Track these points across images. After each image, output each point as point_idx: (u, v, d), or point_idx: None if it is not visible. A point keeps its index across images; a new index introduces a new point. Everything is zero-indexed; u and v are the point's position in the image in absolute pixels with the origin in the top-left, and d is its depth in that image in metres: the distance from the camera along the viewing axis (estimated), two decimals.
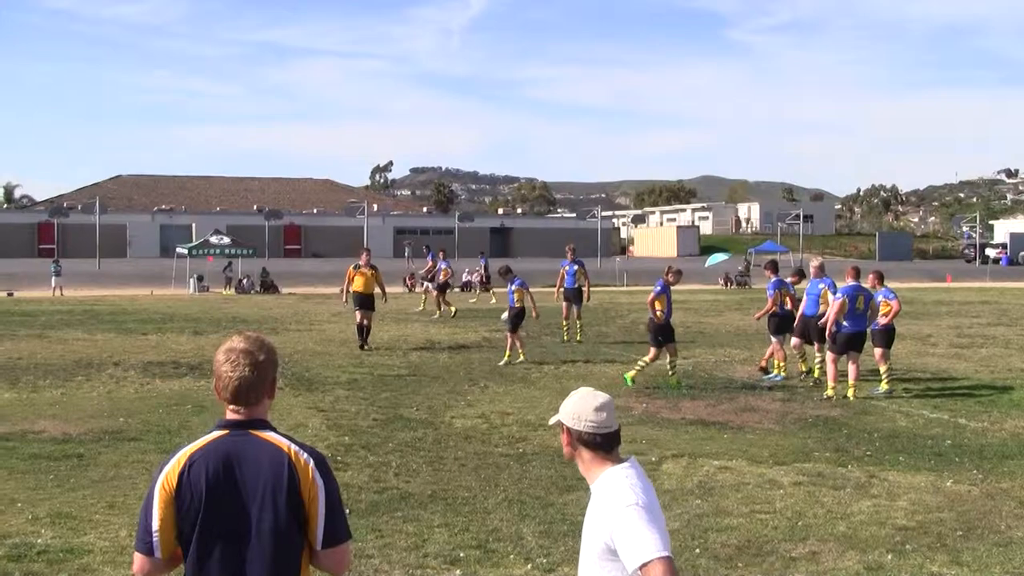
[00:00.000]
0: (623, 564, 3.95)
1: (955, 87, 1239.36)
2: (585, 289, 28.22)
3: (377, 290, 26.03)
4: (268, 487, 3.99)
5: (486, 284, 51.01)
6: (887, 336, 19.08)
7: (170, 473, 4.03)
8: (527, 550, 9.06)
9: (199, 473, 4.00)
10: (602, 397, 4.35)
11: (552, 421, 4.44)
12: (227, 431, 4.14)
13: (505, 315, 23.54)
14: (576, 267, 28.08)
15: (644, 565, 3.84)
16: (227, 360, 4.14)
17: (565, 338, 27.62)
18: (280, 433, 4.17)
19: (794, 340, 20.57)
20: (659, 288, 19.64)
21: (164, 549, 4.00)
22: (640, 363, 19.70)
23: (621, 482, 4.14)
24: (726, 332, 30.05)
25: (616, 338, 28.94)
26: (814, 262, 21.26)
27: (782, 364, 20.68)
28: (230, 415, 4.18)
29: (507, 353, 22.81)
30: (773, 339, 20.84)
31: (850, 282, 18.74)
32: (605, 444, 4.27)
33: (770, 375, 20.63)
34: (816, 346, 20.08)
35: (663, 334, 19.59)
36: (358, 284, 25.91)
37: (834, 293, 19.33)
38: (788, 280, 21.37)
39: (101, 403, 16.97)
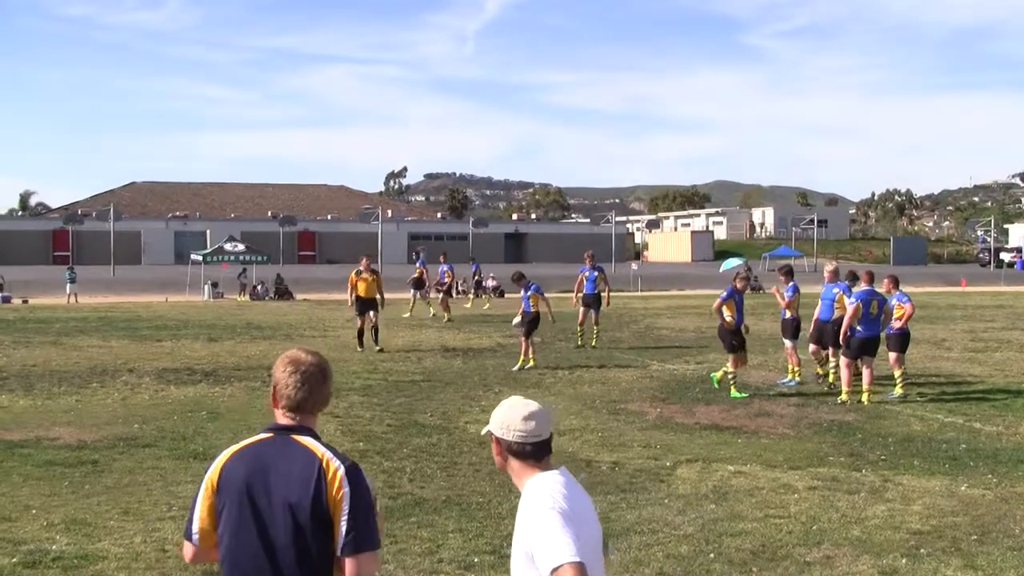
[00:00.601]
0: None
1: (970, 91, 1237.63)
2: (605, 294, 28.24)
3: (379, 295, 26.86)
4: (295, 491, 4.10)
5: (477, 290, 49.94)
6: (902, 340, 19.05)
7: (214, 470, 4.28)
8: None
9: (236, 472, 4.21)
10: (532, 406, 4.29)
11: (483, 432, 4.40)
12: (272, 434, 4.31)
13: (517, 319, 23.55)
14: (596, 273, 28.12)
15: (554, 570, 3.75)
16: (286, 372, 4.35)
17: (580, 343, 27.60)
18: (321, 442, 4.27)
19: (811, 347, 20.53)
20: (726, 294, 19.49)
21: (202, 539, 4.26)
22: (728, 375, 19.21)
23: (544, 488, 4.08)
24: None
25: (631, 343, 28.93)
26: (828, 267, 21.18)
27: (797, 369, 20.63)
28: (281, 419, 4.34)
29: (520, 358, 22.88)
30: (788, 344, 20.75)
31: (864, 287, 18.72)
32: (535, 453, 4.22)
33: (785, 380, 20.59)
34: (830, 351, 20.03)
35: (736, 339, 19.18)
36: (361, 289, 26.80)
37: (849, 297, 19.30)
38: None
39: (116, 410, 17.01)
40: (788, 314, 20.69)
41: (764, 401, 18.33)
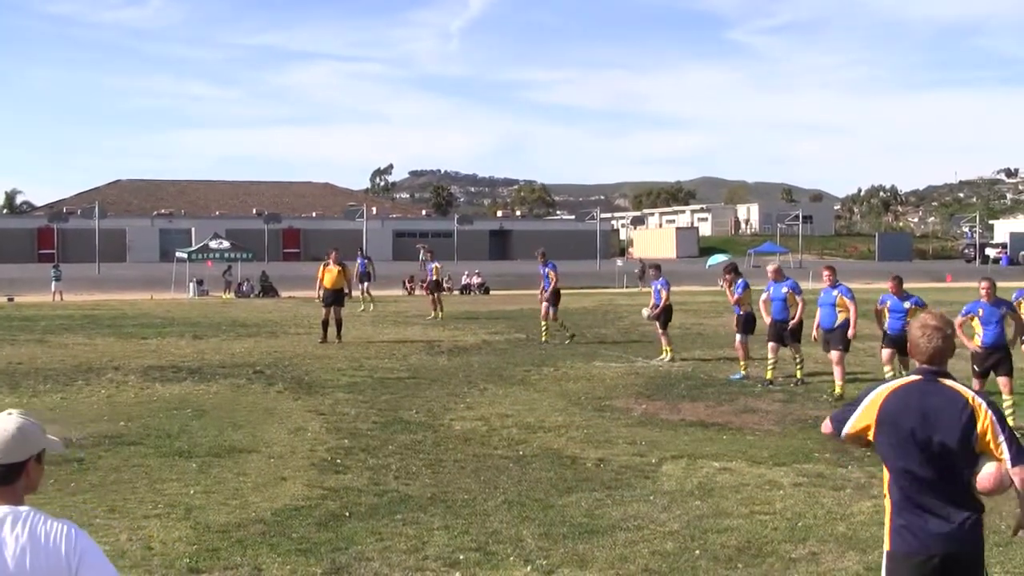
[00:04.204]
0: None
1: (955, 87, 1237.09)
2: (551, 288, 28.09)
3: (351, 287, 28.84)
4: (949, 420, 5.33)
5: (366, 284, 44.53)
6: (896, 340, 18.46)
7: (877, 396, 5.62)
8: (527, 552, 9.06)
9: (898, 403, 5.51)
10: None
11: None
12: (921, 377, 5.56)
13: (647, 312, 24.53)
14: (547, 269, 28.20)
15: None
16: (923, 334, 5.55)
17: (543, 339, 27.84)
18: (959, 382, 5.52)
19: (771, 345, 20.41)
20: (965, 309, 16.45)
21: (848, 440, 5.83)
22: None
23: None
24: (725, 333, 29.96)
25: (616, 339, 28.94)
26: (771, 266, 21.20)
27: (744, 363, 20.92)
28: (923, 367, 5.58)
29: (664, 349, 23.74)
30: (738, 338, 20.96)
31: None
32: None
33: (736, 375, 20.76)
34: (793, 348, 20.13)
35: (978, 363, 16.01)
36: (327, 281, 27.79)
37: (799, 295, 19.96)
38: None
39: (101, 407, 16.97)
40: (741, 310, 20.97)
41: (749, 398, 18.36)
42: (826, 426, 5.91)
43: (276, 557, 8.87)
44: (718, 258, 77.37)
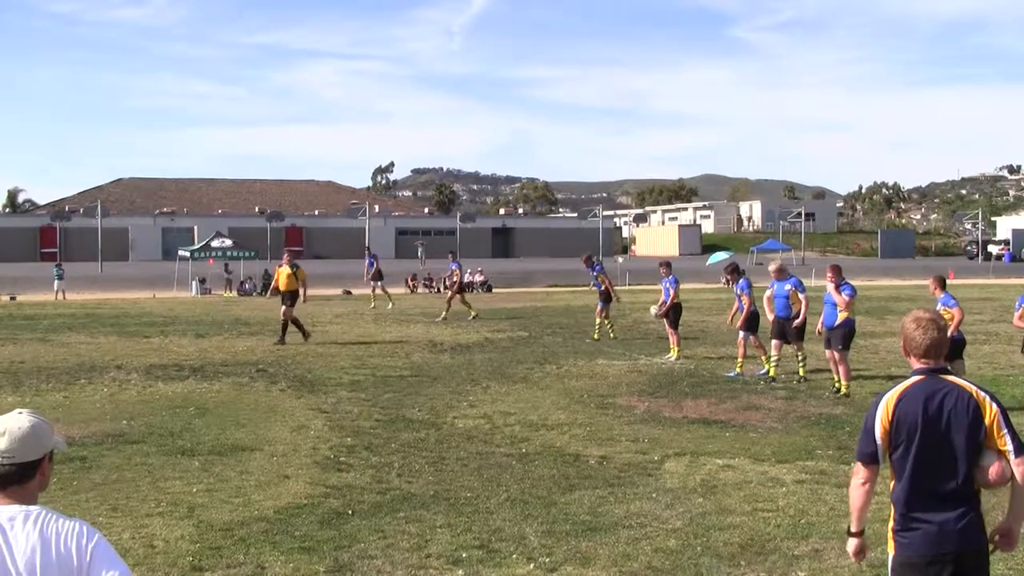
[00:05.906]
0: None
1: (957, 84, 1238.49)
2: (605, 288, 28.48)
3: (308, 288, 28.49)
4: (958, 416, 5.35)
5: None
6: (958, 347, 17.43)
7: (887, 401, 5.48)
8: (530, 550, 9.06)
9: (909, 405, 5.42)
10: (9, 422, 3.70)
11: None
12: (924, 376, 5.48)
13: (654, 309, 24.68)
14: (594, 272, 28.61)
15: None
16: (917, 326, 5.50)
17: (596, 336, 28.07)
18: (961, 376, 5.62)
19: (774, 342, 20.37)
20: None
21: (883, 444, 5.54)
22: None
23: None
24: (728, 331, 29.98)
25: (618, 337, 28.90)
26: (773, 265, 21.19)
27: (741, 361, 20.95)
28: (921, 365, 5.52)
29: (672, 348, 23.79)
30: (741, 335, 20.95)
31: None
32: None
33: (732, 372, 20.82)
34: (796, 346, 20.10)
35: None
36: (280, 282, 27.90)
37: (802, 292, 19.91)
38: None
39: (104, 406, 16.97)
40: (746, 307, 20.94)
41: (752, 395, 18.36)
42: (857, 469, 5.78)
43: (279, 555, 8.87)
44: (719, 256, 77.29)
